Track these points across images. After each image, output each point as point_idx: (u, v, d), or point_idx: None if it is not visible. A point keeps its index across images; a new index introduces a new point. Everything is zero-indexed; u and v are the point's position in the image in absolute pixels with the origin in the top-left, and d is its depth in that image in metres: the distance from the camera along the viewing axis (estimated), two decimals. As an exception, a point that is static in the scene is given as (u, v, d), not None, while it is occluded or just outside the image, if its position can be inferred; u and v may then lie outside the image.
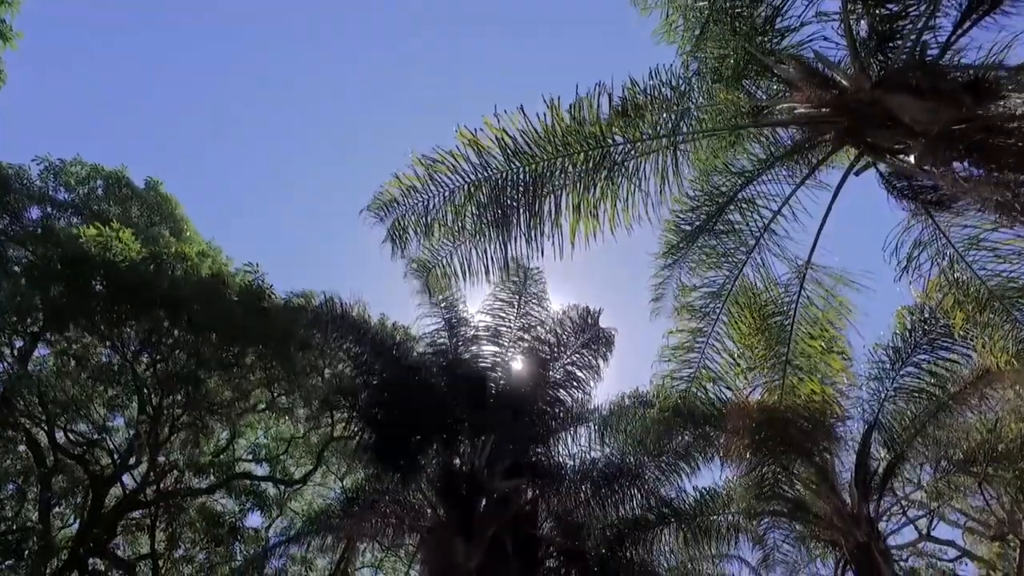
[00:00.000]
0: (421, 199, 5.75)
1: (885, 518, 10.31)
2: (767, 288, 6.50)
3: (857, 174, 5.31)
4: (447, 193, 5.88)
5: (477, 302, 11.85)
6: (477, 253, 6.55)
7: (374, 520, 10.53)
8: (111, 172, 13.33)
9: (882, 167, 5.24)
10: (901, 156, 4.61)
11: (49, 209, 12.22)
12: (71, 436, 14.59)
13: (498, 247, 6.51)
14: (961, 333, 7.47)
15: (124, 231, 8.12)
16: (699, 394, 7.40)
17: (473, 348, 11.63)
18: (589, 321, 10.63)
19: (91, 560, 13.11)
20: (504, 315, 11.28)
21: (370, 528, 10.44)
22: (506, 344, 11.37)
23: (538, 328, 11.15)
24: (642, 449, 12.37)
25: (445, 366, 11.84)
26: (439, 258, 6.44)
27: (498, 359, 11.48)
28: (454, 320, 11.89)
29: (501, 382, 11.46)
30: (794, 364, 6.52)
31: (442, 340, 12.02)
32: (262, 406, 14.37)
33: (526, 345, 11.28)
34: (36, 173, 12.57)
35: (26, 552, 12.00)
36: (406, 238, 5.98)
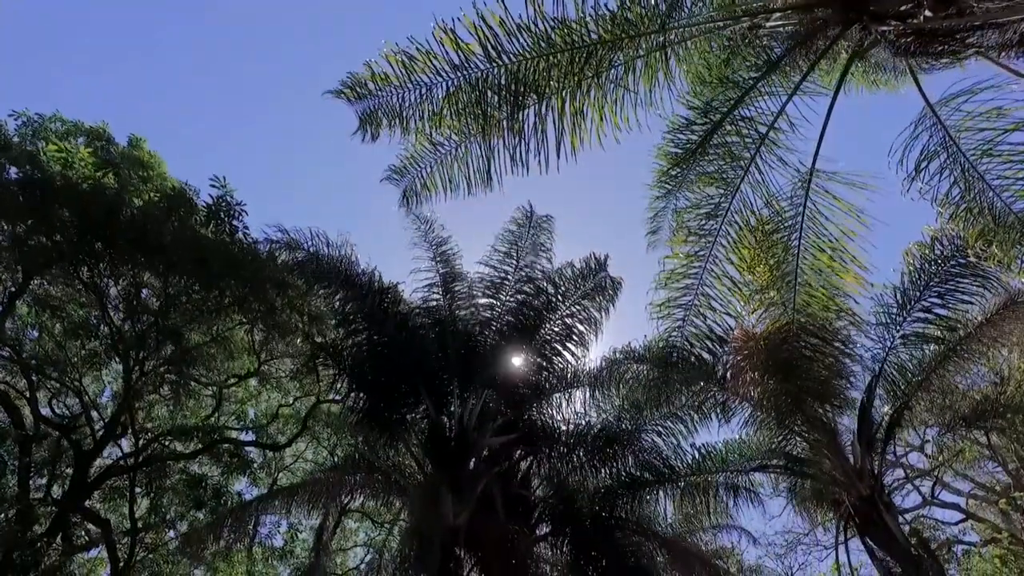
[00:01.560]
0: (396, 93, 5.37)
1: (889, 472, 9.88)
2: (768, 202, 6.11)
3: (861, 57, 4.92)
4: (423, 91, 5.50)
5: (476, 254, 11.45)
6: (459, 164, 6.17)
7: (358, 476, 10.14)
8: (92, 128, 12.94)
9: (887, 35, 4.83)
10: (910, 20, 4.22)
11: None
12: (55, 408, 14.29)
13: (481, 159, 6.13)
14: (975, 256, 7.03)
15: (82, 150, 7.71)
16: (698, 323, 6.98)
17: (468, 302, 11.23)
18: (594, 267, 10.10)
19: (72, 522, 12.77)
20: (503, 266, 10.84)
21: (355, 483, 10.05)
22: (504, 298, 10.92)
23: (539, 279, 10.66)
24: (637, 411, 12.04)
25: (437, 320, 11.45)
26: (418, 168, 6.05)
27: (494, 313, 11.05)
28: (448, 273, 11.50)
29: (495, 338, 11.04)
30: (802, 281, 6.10)
31: (435, 296, 11.63)
32: (247, 369, 14.02)
33: (522, 298, 10.85)
34: (13, 128, 12.21)
35: (2, 517, 11.63)
36: (379, 127, 5.58)
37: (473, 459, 10.49)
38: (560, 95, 5.82)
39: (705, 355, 7.34)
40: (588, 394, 12.06)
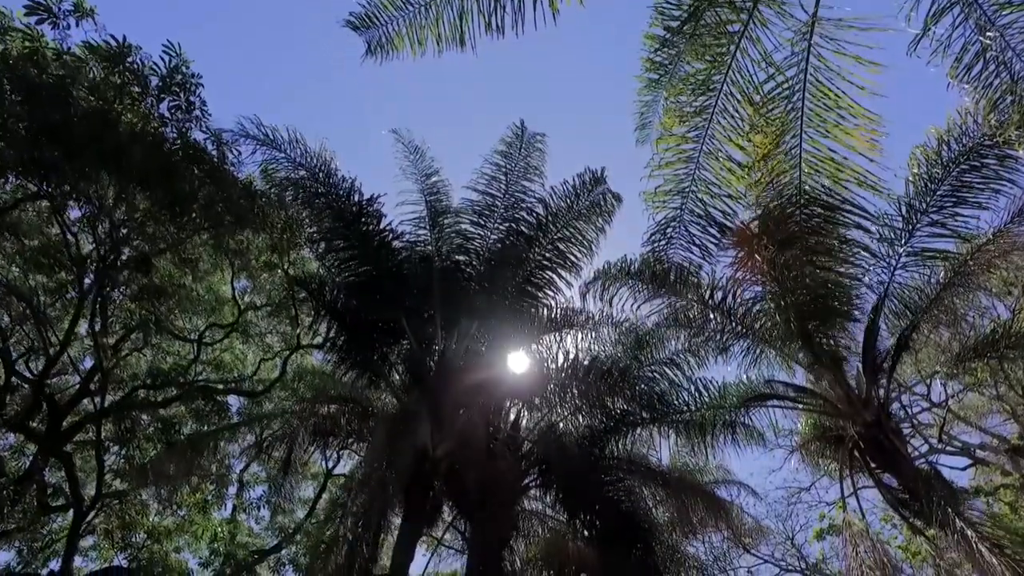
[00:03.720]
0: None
1: (894, 410, 9.35)
2: (765, 57, 5.57)
3: None
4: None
5: (463, 178, 10.89)
6: (429, 23, 5.64)
7: (331, 407, 9.59)
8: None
9: None
10: None
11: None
12: (31, 367, 13.76)
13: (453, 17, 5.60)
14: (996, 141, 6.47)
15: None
16: (695, 209, 6.44)
17: (455, 232, 10.66)
18: (589, 183, 9.50)
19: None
20: (492, 191, 10.25)
21: (328, 414, 9.49)
22: (492, 225, 10.33)
23: (529, 202, 10.07)
24: (637, 347, 11.52)
25: (424, 257, 10.89)
26: (386, 20, 5.52)
27: (482, 242, 10.47)
28: (435, 204, 10.93)
29: (482, 269, 10.48)
30: (808, 149, 5.57)
31: (423, 232, 11.07)
32: (227, 319, 13.49)
33: (510, 226, 10.28)
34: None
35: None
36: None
37: (455, 392, 9.92)
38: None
39: (707, 244, 6.75)
40: (583, 331, 11.60)
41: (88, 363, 14.51)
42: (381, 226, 9.42)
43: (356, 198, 9.01)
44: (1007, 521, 11.81)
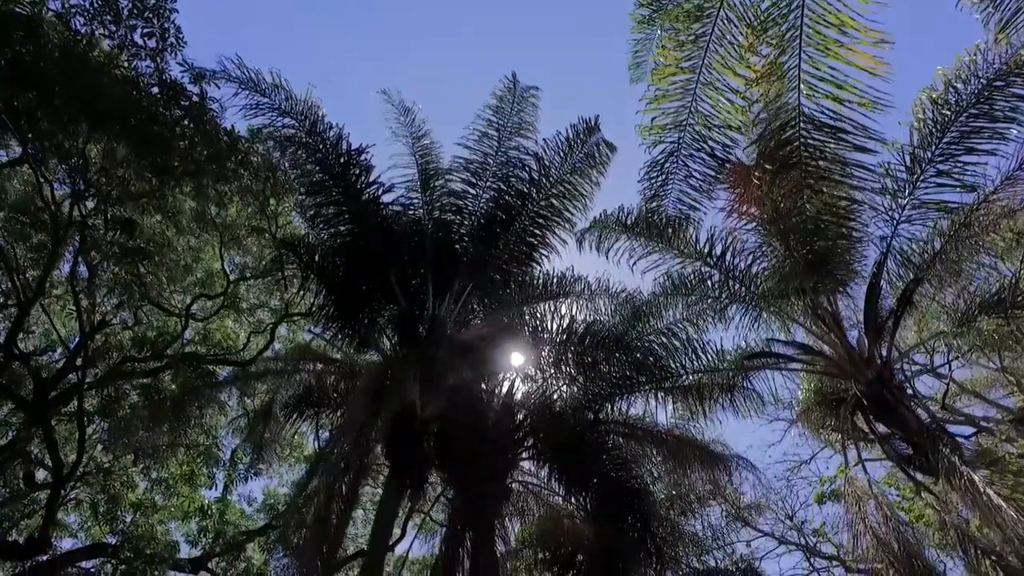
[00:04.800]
0: None
1: (898, 359, 9.08)
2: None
3: None
4: None
5: (453, 134, 10.57)
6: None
7: (317, 365, 9.30)
8: None
9: None
10: None
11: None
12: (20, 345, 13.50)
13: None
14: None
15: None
16: (693, 143, 6.16)
17: (445, 193, 10.36)
18: (583, 133, 9.18)
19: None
20: (483, 148, 9.92)
21: (312, 371, 9.21)
22: (484, 183, 10.00)
23: (522, 157, 9.75)
24: (634, 318, 11.24)
25: (415, 219, 10.59)
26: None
27: (474, 202, 10.16)
28: (425, 165, 10.63)
29: (474, 229, 10.17)
30: (806, 71, 5.28)
31: (414, 195, 10.76)
32: (217, 289, 13.22)
33: (501, 185, 9.98)
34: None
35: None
36: None
37: (446, 355, 9.63)
38: None
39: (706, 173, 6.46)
40: (579, 300, 11.33)
41: (78, 340, 14.31)
42: (370, 179, 9.10)
43: (344, 148, 8.70)
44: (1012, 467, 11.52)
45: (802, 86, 5.39)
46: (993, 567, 6.46)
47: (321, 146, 8.75)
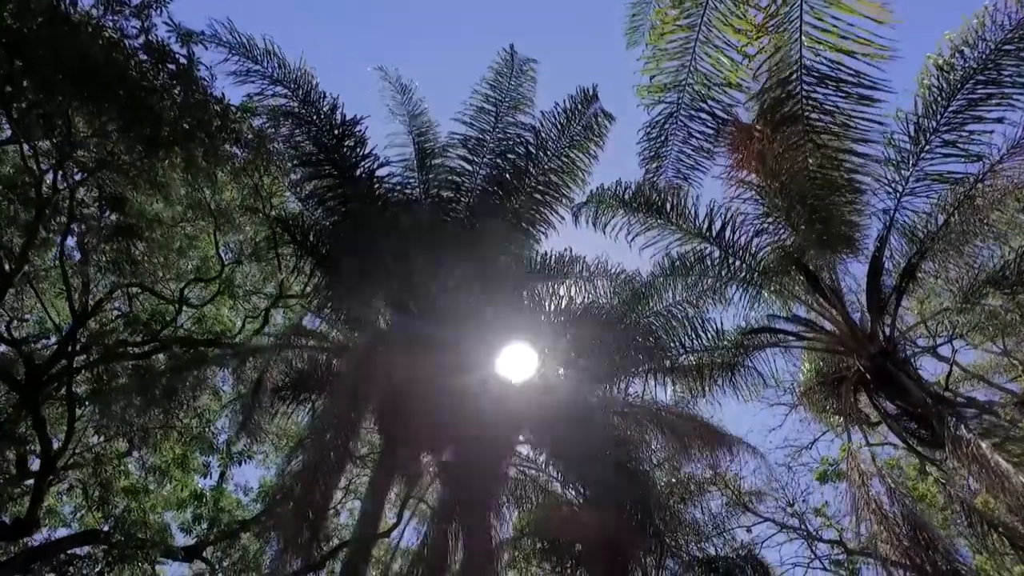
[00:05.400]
0: None
1: (901, 336, 8.91)
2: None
3: None
4: None
5: (450, 109, 10.34)
6: None
7: (308, 342, 9.15)
8: None
9: None
10: None
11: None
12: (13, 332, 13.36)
13: None
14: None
15: None
16: (692, 103, 5.99)
17: (443, 171, 10.18)
18: (581, 104, 8.96)
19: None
20: (480, 124, 9.73)
21: (301, 348, 9.05)
22: (480, 160, 9.81)
23: (521, 132, 9.55)
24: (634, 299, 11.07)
25: (411, 199, 10.41)
26: None
27: (470, 180, 9.97)
28: (422, 144, 10.46)
29: (472, 205, 9.99)
30: (808, 22, 5.11)
31: (411, 175, 10.59)
32: (212, 273, 13.07)
33: (500, 161, 9.79)
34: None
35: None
36: None
37: (441, 332, 9.46)
38: None
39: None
40: (577, 281, 11.16)
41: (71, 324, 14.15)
42: (365, 151, 8.93)
43: (338, 119, 8.53)
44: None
45: (804, 38, 5.23)
46: (1001, 539, 6.30)
47: (315, 117, 8.58)
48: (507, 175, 9.74)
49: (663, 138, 6.53)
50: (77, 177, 9.20)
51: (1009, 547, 6.27)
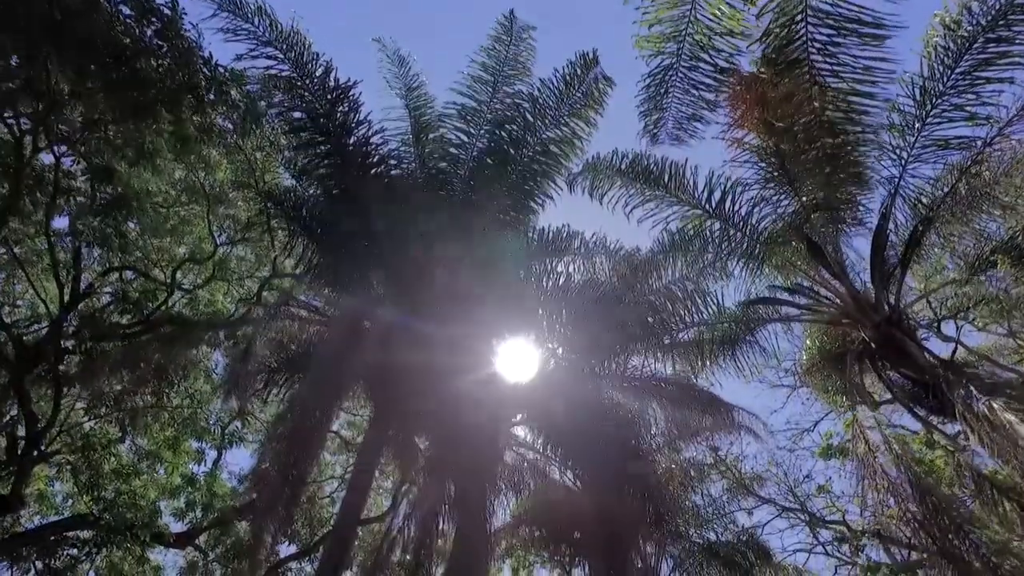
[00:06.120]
0: None
1: (906, 307, 8.69)
2: None
3: None
4: None
5: (447, 79, 10.13)
6: None
7: (300, 312, 8.94)
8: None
9: None
10: None
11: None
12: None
13: None
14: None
15: None
16: (692, 51, 5.77)
17: (438, 137, 9.96)
18: (580, 70, 8.69)
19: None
20: (478, 92, 9.47)
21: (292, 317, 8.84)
22: (479, 129, 9.60)
23: (519, 102, 9.31)
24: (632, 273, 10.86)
25: (408, 172, 10.20)
26: None
27: (467, 150, 9.76)
28: (418, 116, 10.26)
29: (467, 177, 9.79)
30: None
31: (407, 149, 10.38)
32: (205, 255, 12.87)
33: (498, 131, 9.56)
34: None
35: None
36: None
37: (434, 307, 9.23)
38: None
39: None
40: (576, 259, 10.96)
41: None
42: (359, 117, 8.71)
43: (332, 83, 8.32)
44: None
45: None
46: (1014, 507, 6.09)
47: (307, 81, 8.37)
48: (504, 146, 9.52)
49: (663, 90, 6.32)
50: (64, 148, 8.98)
51: (1021, 514, 6.06)
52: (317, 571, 9.88)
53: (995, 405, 5.55)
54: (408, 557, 12.76)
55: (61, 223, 12.43)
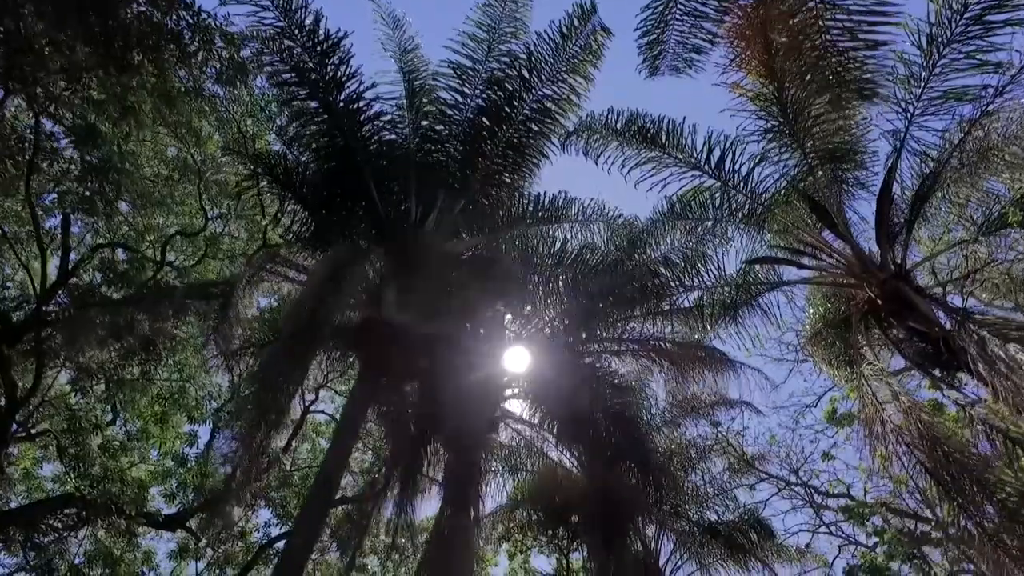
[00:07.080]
0: None
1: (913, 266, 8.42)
2: None
3: None
4: None
5: (440, 35, 9.87)
6: None
7: (287, 272, 8.67)
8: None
9: None
10: None
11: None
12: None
13: None
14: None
15: None
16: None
17: (432, 97, 9.67)
18: (578, 22, 8.34)
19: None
20: (473, 50, 9.15)
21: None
22: (473, 88, 9.31)
23: (514, 59, 9.02)
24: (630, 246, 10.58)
25: (404, 136, 9.91)
26: None
27: (462, 111, 9.47)
28: (412, 80, 9.98)
29: (462, 137, 9.50)
30: None
31: (399, 114, 10.10)
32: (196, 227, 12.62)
33: (493, 91, 9.26)
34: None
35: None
36: None
37: (428, 270, 8.93)
38: None
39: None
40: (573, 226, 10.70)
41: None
42: (350, 71, 8.43)
43: (322, 34, 8.05)
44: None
45: None
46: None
47: (296, 31, 8.09)
48: (499, 104, 9.24)
49: (663, 23, 6.05)
50: (43, 105, 8.71)
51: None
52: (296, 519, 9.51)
53: (1013, 351, 5.28)
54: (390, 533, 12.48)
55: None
